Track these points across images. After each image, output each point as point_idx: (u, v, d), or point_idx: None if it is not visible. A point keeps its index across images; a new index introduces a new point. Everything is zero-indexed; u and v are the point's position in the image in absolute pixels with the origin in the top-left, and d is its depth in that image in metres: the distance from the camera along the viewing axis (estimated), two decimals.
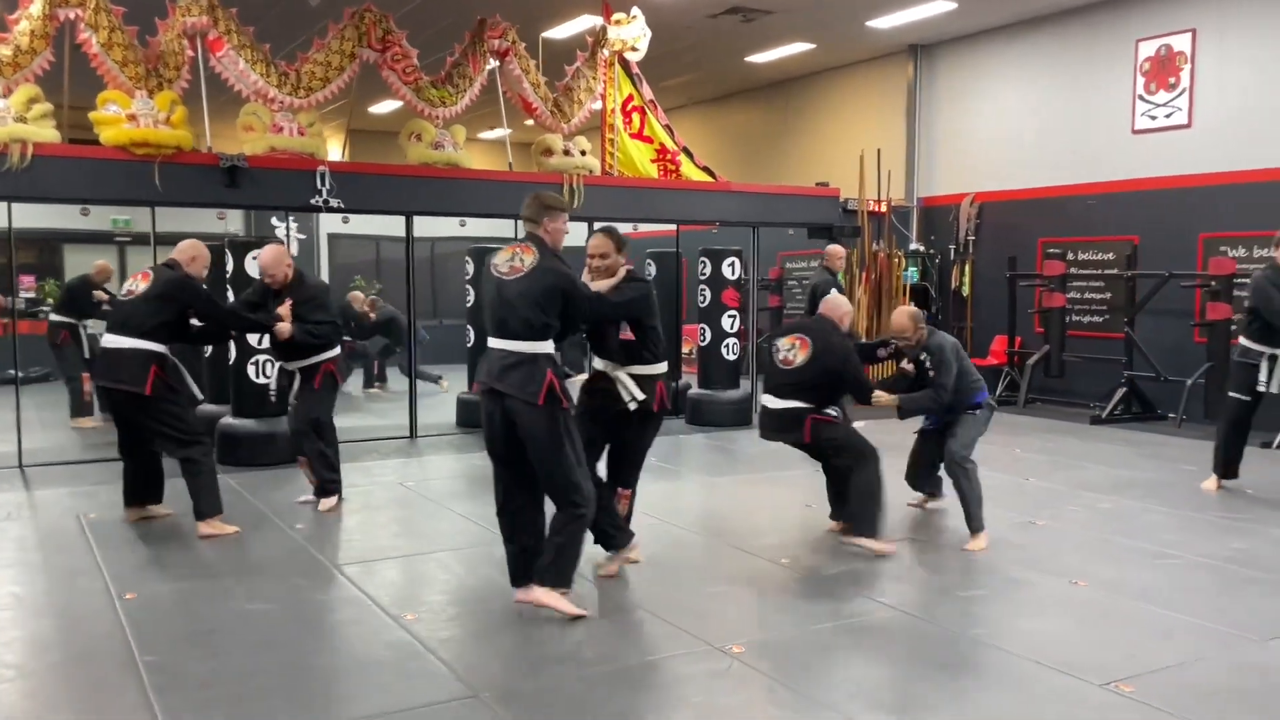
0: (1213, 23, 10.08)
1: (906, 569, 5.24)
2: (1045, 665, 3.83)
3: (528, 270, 4.26)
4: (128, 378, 5.65)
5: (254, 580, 4.99)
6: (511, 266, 4.31)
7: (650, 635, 4.23)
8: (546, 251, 4.36)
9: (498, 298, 4.30)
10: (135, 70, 8.26)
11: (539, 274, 4.25)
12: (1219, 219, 10.01)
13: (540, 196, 4.49)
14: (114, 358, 5.72)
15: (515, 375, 4.21)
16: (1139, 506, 6.54)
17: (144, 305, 5.78)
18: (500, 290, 4.29)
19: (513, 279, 4.27)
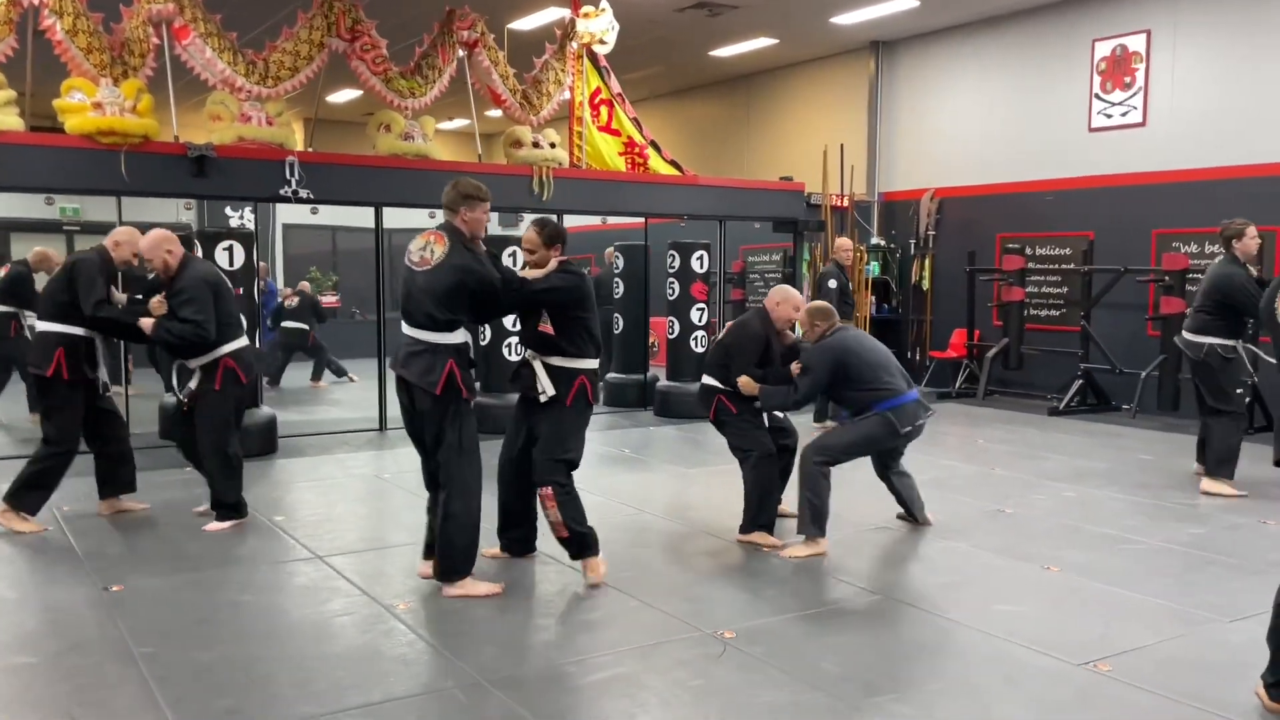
0: (1166, 24, 10.35)
1: (884, 555, 5.37)
2: (1025, 646, 3.97)
3: (434, 264, 4.37)
4: (32, 360, 5.67)
5: (240, 571, 4.99)
6: (422, 257, 4.42)
7: (642, 622, 4.30)
8: (458, 242, 4.40)
9: (407, 287, 4.44)
10: (100, 57, 8.16)
11: (444, 270, 4.35)
12: (1171, 215, 10.29)
13: (460, 184, 4.44)
14: (33, 341, 5.79)
15: (417, 364, 4.39)
16: (1101, 494, 6.75)
17: (49, 285, 5.81)
18: (409, 280, 4.44)
19: (421, 270, 4.40)
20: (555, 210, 10.01)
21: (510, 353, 9.28)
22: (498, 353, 9.34)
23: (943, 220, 12.76)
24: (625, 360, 11.11)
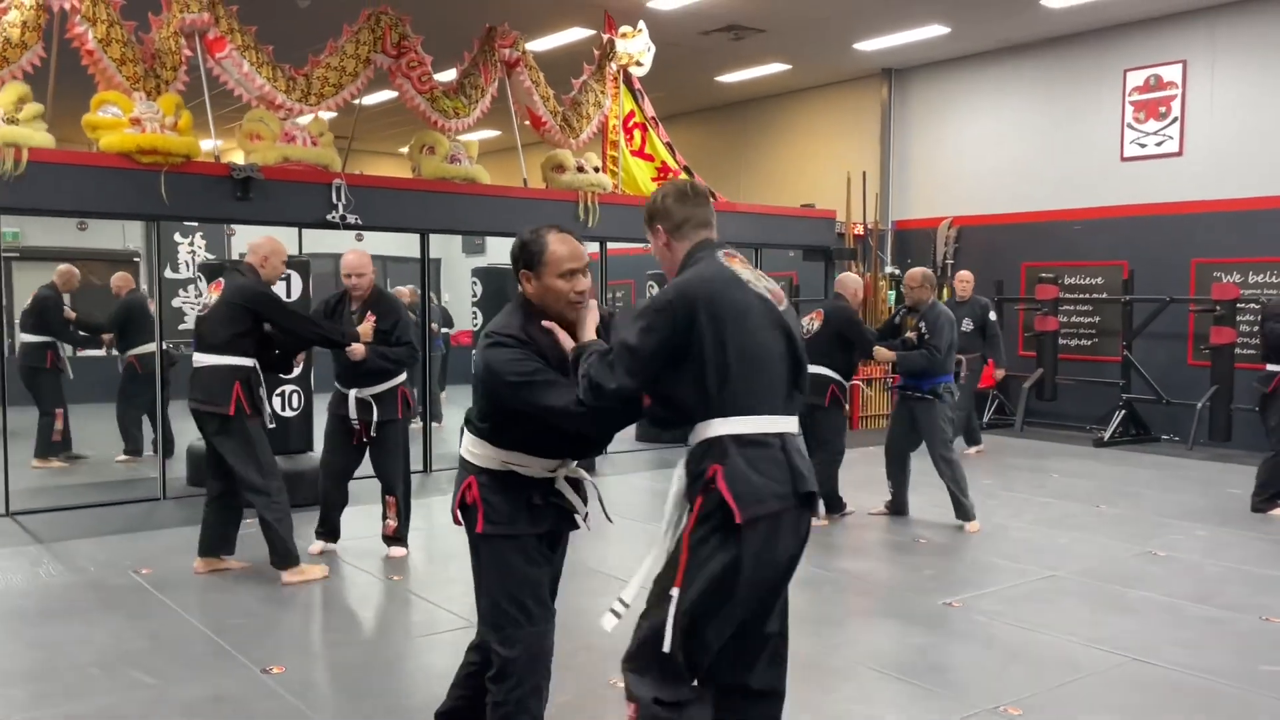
0: (1204, 55, 10.40)
1: (1094, 603, 5.02)
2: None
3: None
4: (205, 397, 5.10)
5: (402, 642, 4.40)
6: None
7: None
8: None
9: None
10: (134, 70, 7.47)
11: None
12: (1212, 245, 10.29)
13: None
14: (199, 377, 5.17)
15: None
16: (1231, 533, 6.54)
17: (214, 314, 5.20)
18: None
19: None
20: (598, 237, 9.59)
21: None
22: None
23: (962, 248, 12.63)
24: None
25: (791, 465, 2.53)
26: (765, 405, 2.54)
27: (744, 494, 2.46)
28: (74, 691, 3.86)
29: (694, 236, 2.75)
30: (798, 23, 11.21)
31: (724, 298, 2.55)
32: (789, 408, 2.60)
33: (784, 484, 2.51)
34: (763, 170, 15.08)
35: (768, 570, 2.53)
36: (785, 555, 2.57)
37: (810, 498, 2.57)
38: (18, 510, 6.96)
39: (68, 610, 4.85)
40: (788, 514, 2.52)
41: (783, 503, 2.50)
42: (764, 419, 2.53)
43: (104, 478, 8.40)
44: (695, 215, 2.78)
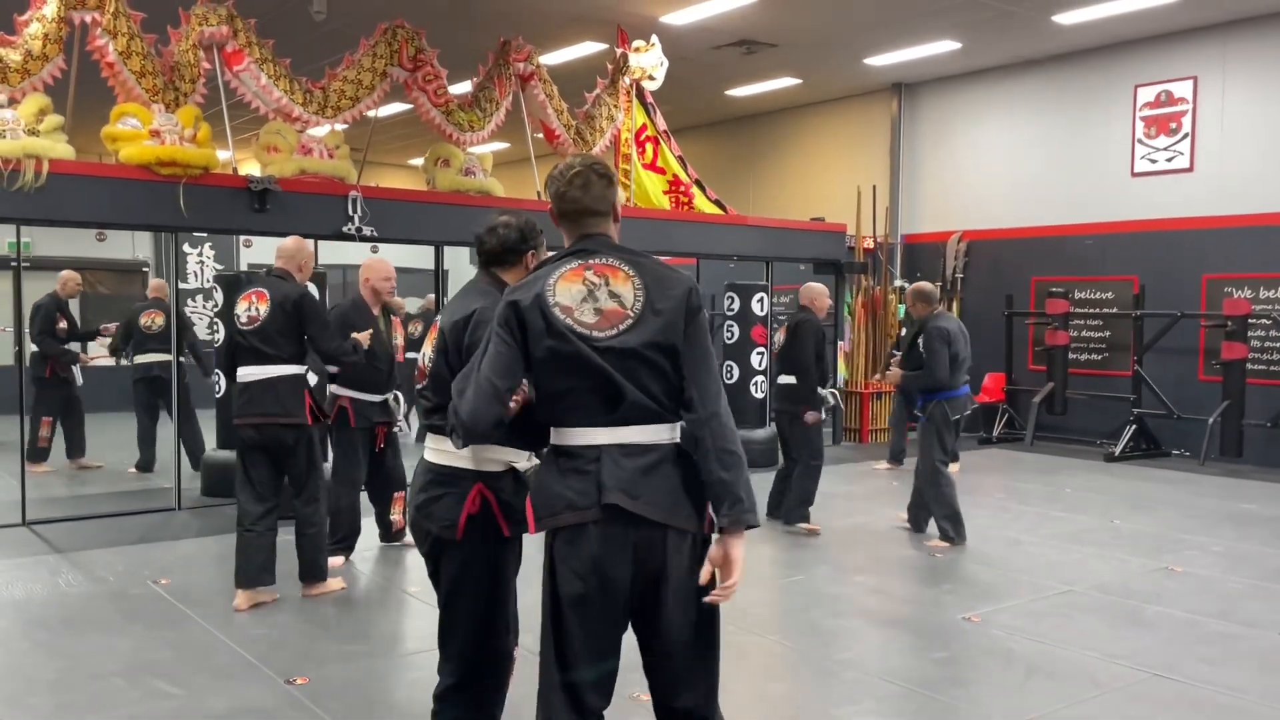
0: (1214, 71, 10.43)
1: (1112, 618, 5.03)
2: None
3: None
4: (281, 410, 4.96)
5: (422, 653, 4.40)
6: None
7: None
8: None
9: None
10: (153, 82, 7.52)
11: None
12: (1224, 261, 10.30)
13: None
14: (269, 389, 4.98)
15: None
16: (1249, 548, 6.54)
17: (273, 324, 5.01)
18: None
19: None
20: None
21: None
22: None
23: (971, 263, 12.65)
24: None
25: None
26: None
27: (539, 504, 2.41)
28: (98, 702, 3.87)
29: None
30: (809, 38, 11.26)
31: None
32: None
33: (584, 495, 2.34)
34: (773, 184, 15.12)
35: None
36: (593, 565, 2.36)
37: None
38: (35, 520, 6.99)
39: (89, 620, 4.87)
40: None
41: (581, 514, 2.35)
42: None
43: (118, 487, 8.42)
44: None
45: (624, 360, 2.34)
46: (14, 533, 6.72)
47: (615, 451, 2.34)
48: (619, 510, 2.30)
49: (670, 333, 2.37)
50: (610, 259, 2.45)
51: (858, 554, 6.38)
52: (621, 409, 2.35)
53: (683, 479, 2.38)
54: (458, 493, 2.82)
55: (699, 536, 2.39)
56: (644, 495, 2.32)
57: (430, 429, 2.92)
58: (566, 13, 10.40)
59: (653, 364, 2.36)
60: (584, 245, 2.49)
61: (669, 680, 2.44)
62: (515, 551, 2.95)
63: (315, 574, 5.20)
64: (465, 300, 2.93)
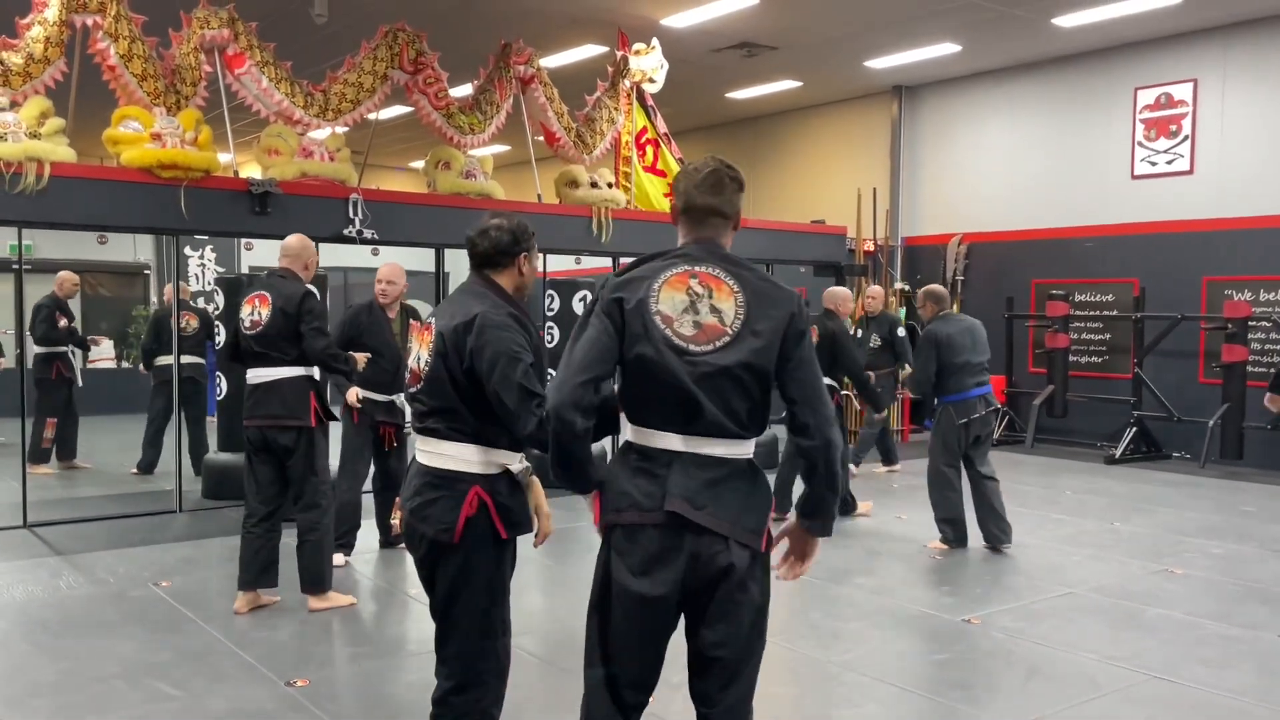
0: (1214, 74, 10.44)
1: (1110, 620, 5.03)
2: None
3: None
4: (285, 411, 4.94)
5: (422, 654, 4.40)
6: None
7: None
8: None
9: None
10: (154, 85, 7.53)
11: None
12: (1224, 263, 10.31)
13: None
14: (274, 390, 4.97)
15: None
16: (1248, 550, 6.54)
17: (274, 326, 4.96)
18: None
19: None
20: (612, 252, 9.62)
21: None
22: None
23: (971, 265, 12.66)
24: None
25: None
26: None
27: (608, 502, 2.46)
28: (100, 704, 3.88)
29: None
30: (809, 41, 11.27)
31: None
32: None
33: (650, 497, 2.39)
34: (773, 186, 15.12)
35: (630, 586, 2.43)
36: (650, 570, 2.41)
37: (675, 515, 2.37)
38: (35, 522, 7.00)
39: (90, 622, 4.88)
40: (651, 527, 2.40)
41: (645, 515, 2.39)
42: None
43: (119, 490, 8.43)
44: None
45: (713, 378, 2.35)
46: (15, 535, 6.73)
47: (688, 460, 2.38)
48: (680, 517, 2.35)
49: (765, 356, 2.38)
50: (717, 269, 2.43)
51: (858, 555, 6.39)
52: (700, 423, 2.37)
53: (749, 494, 2.43)
54: (454, 496, 2.81)
55: (757, 552, 2.43)
56: (709, 506, 2.36)
57: (425, 432, 2.89)
58: (567, 15, 10.42)
59: (742, 384, 2.37)
60: (694, 250, 2.47)
61: (711, 683, 2.48)
62: (511, 553, 2.95)
63: (317, 584, 5.07)
64: (463, 303, 2.91)
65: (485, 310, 2.82)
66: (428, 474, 2.87)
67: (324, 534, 5.09)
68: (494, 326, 2.78)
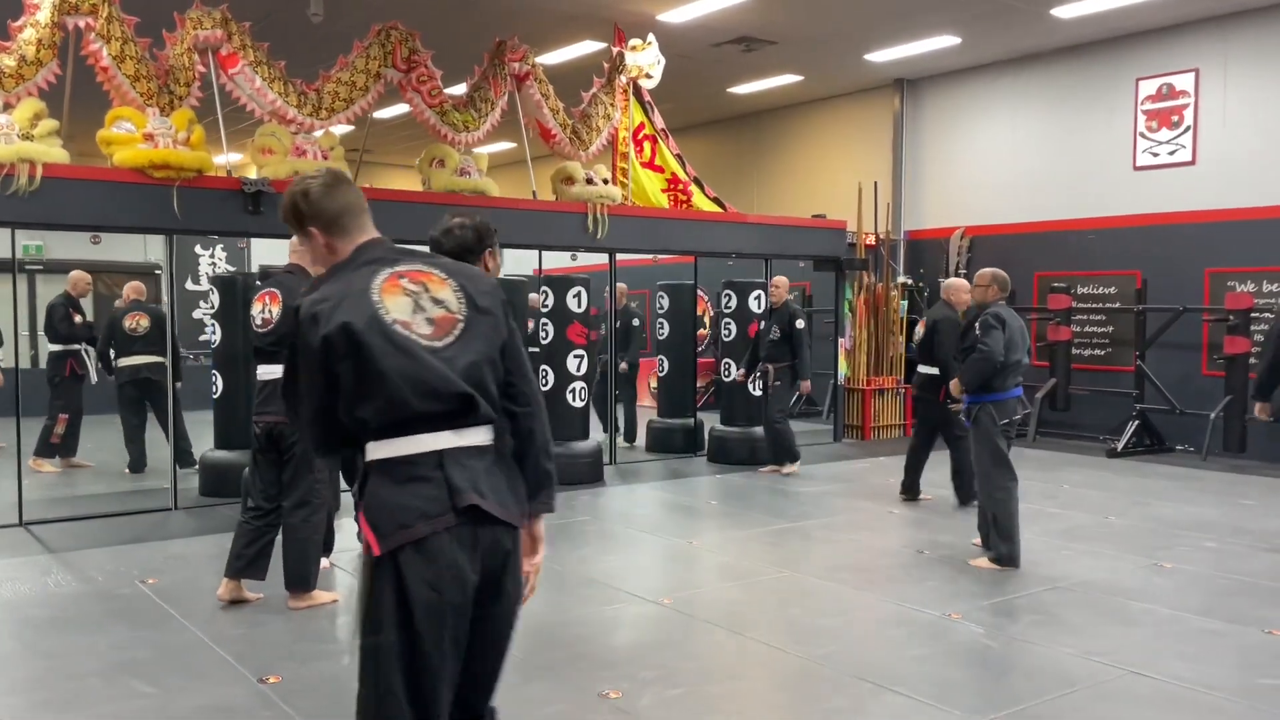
0: (1216, 64, 10.34)
1: (1096, 614, 4.99)
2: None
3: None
4: (284, 408, 4.96)
5: None
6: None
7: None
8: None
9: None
10: (147, 86, 7.58)
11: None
12: (1226, 254, 10.22)
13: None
14: (273, 389, 5.01)
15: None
16: (1242, 546, 6.48)
17: (285, 326, 4.93)
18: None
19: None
20: (607, 248, 9.62)
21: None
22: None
23: (974, 258, 12.59)
24: (672, 404, 10.69)
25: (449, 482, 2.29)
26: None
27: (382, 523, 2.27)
28: (73, 701, 3.91)
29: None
30: (809, 35, 11.23)
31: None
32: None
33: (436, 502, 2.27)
34: (776, 181, 15.10)
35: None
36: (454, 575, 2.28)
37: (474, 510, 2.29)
38: (31, 520, 7.06)
39: (73, 620, 4.91)
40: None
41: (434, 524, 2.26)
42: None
43: (116, 488, 8.50)
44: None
45: (469, 368, 2.33)
46: (10, 533, 6.78)
47: (459, 454, 2.32)
48: (473, 511, 2.28)
49: (500, 331, 2.41)
50: (416, 264, 2.41)
51: (845, 551, 6.37)
52: (469, 415, 2.33)
53: (510, 476, 2.42)
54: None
55: (519, 531, 2.42)
56: (490, 495, 2.32)
57: None
58: (564, 12, 10.42)
59: (492, 365, 2.38)
60: (379, 253, 2.42)
61: (482, 683, 2.43)
62: None
63: (301, 583, 5.08)
64: None
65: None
66: None
67: (312, 532, 5.10)
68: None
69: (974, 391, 5.94)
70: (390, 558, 2.24)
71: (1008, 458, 5.93)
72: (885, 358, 12.13)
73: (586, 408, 9.02)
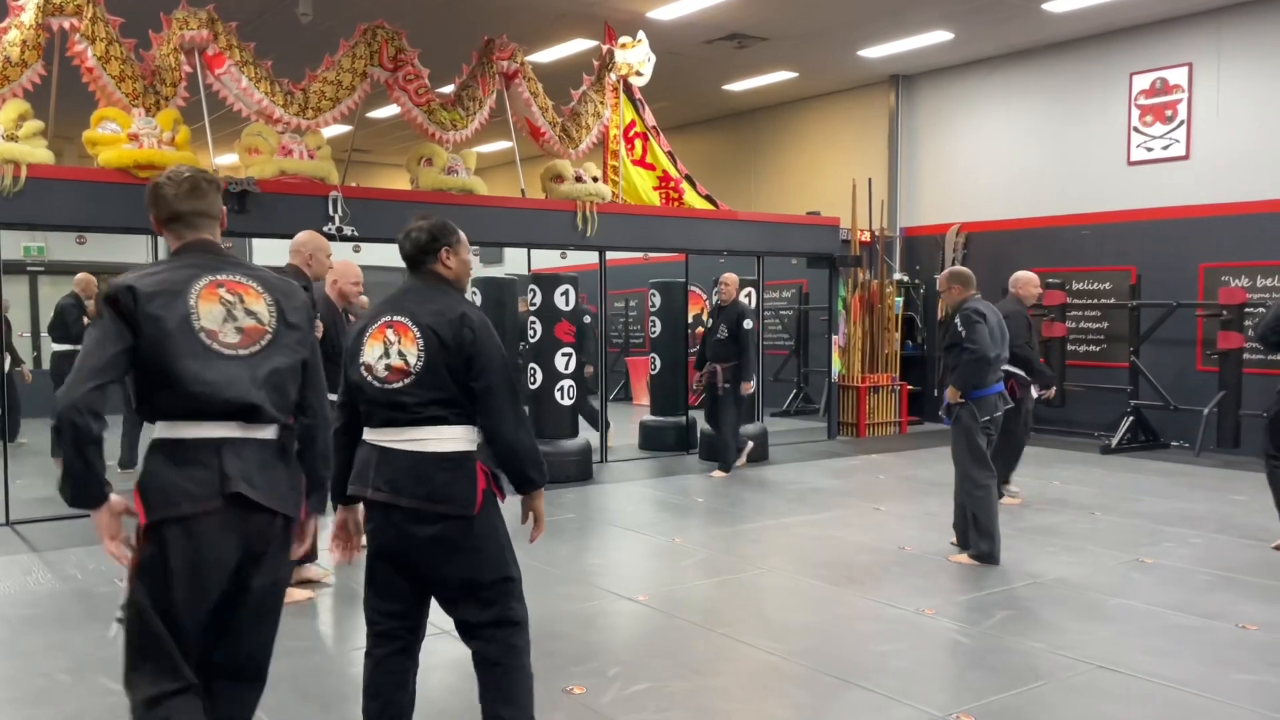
0: (1209, 57, 10.29)
1: (1068, 610, 4.97)
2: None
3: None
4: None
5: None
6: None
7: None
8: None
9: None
10: (133, 86, 7.61)
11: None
12: (1220, 249, 10.17)
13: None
14: None
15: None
16: (1227, 540, 6.45)
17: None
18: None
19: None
20: (597, 246, 9.62)
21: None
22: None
23: (970, 255, 12.56)
24: (663, 402, 10.68)
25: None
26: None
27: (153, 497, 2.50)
28: (40, 698, 3.92)
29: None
30: (799, 31, 11.22)
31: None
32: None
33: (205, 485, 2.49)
34: (773, 178, 15.08)
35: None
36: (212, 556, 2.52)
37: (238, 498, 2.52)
38: (18, 520, 7.09)
39: (49, 618, 4.93)
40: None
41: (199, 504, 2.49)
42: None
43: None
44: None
45: (269, 374, 2.58)
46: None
47: (239, 445, 2.55)
48: (240, 498, 2.51)
49: (303, 344, 2.70)
50: (237, 275, 2.65)
51: (826, 548, 6.35)
52: (258, 415, 2.56)
53: (289, 472, 2.66)
54: (468, 473, 2.94)
55: (290, 521, 2.67)
56: (262, 486, 2.55)
57: (424, 421, 2.95)
58: (555, 10, 10.43)
59: (292, 373, 2.65)
60: (202, 260, 2.63)
61: (250, 660, 2.76)
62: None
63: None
64: (430, 298, 3.02)
65: (468, 310, 2.98)
66: (433, 460, 2.94)
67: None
68: (485, 327, 2.97)
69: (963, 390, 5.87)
70: (155, 529, 2.48)
71: (986, 455, 5.89)
72: (880, 355, 12.11)
73: (574, 406, 9.01)
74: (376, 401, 2.97)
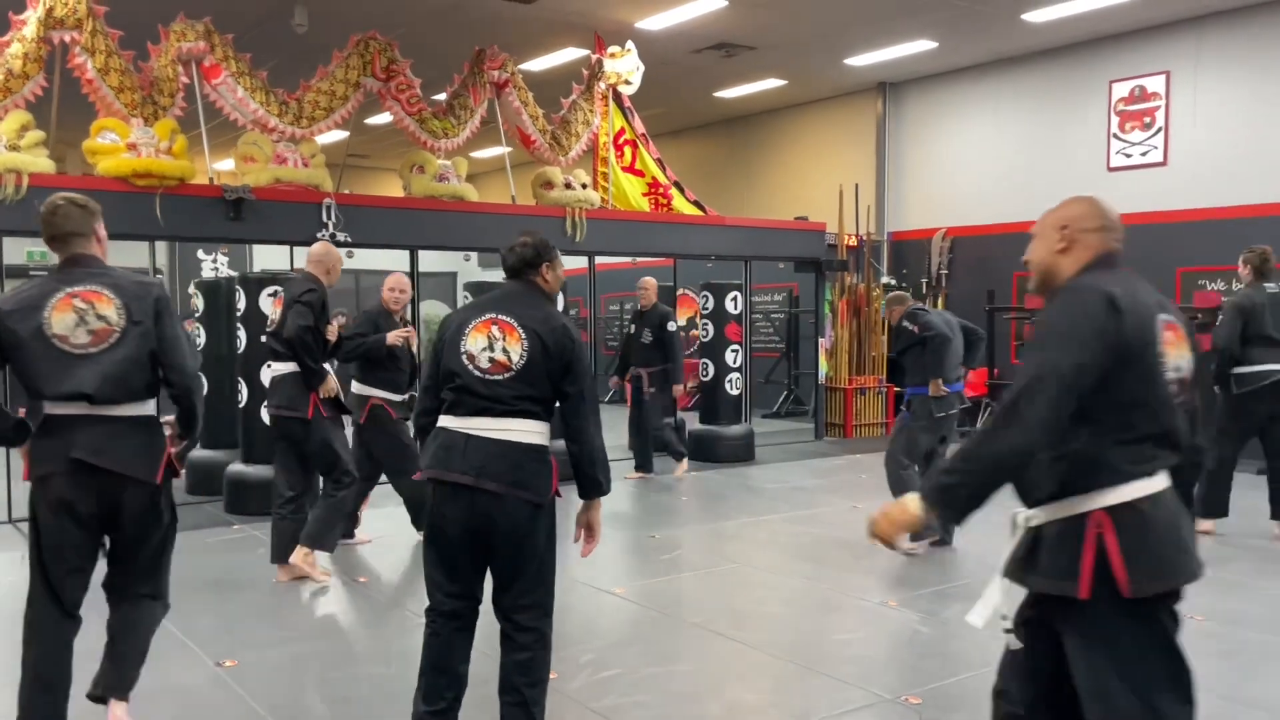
0: (1187, 66, 10.51)
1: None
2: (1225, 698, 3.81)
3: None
4: (285, 402, 5.44)
5: (359, 641, 4.65)
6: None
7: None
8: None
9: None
10: (131, 97, 7.84)
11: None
12: (1197, 254, 10.38)
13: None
14: (281, 385, 5.51)
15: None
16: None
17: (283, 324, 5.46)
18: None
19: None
20: (586, 251, 9.83)
21: None
22: None
23: (955, 259, 12.77)
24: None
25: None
26: None
27: None
28: None
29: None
30: (785, 40, 11.43)
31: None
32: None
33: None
34: (764, 183, 15.30)
35: None
36: None
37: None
38: (21, 518, 7.30)
39: None
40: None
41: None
42: None
43: None
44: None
45: (118, 365, 3.19)
46: None
47: (92, 420, 3.19)
48: (84, 463, 3.17)
49: (149, 338, 3.24)
50: (91, 285, 3.21)
51: (803, 544, 6.56)
52: (101, 398, 3.18)
53: (146, 440, 3.31)
54: (546, 465, 3.23)
55: (155, 487, 3.32)
56: (108, 453, 3.20)
57: (515, 414, 3.18)
58: (544, 20, 10.64)
59: (140, 364, 3.23)
60: (67, 274, 3.22)
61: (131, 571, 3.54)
62: None
63: (314, 540, 5.49)
64: (539, 307, 3.29)
65: (567, 322, 3.29)
66: (522, 449, 3.19)
67: (339, 503, 5.51)
68: (581, 341, 3.29)
69: (918, 383, 6.19)
70: (35, 484, 3.25)
71: (918, 452, 6.21)
72: (867, 357, 12.32)
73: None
74: (474, 390, 3.17)
